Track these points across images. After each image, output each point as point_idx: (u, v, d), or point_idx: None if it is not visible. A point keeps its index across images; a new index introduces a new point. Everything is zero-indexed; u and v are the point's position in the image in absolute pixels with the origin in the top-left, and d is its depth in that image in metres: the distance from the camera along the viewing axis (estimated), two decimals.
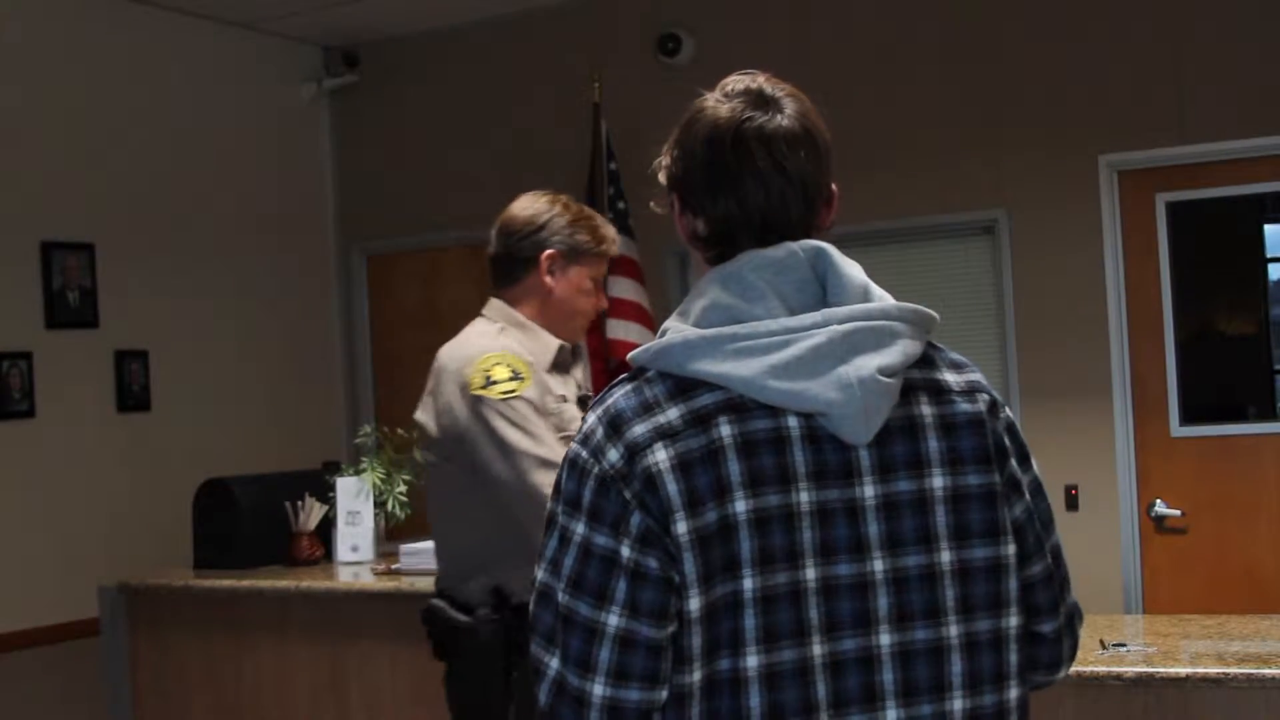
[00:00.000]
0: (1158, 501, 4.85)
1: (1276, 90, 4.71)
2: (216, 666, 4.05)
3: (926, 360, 1.52)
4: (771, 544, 1.41)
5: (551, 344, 2.95)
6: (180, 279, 5.79)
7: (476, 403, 2.77)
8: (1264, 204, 4.96)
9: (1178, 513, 4.83)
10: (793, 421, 1.43)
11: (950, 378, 1.53)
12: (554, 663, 1.45)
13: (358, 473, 4.29)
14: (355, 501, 4.26)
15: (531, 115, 6.06)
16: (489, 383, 2.77)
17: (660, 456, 1.42)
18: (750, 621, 1.39)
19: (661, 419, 1.44)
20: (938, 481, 1.47)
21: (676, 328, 1.50)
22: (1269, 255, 4.99)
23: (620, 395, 1.49)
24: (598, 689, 1.42)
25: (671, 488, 1.41)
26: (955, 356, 1.58)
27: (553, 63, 6.00)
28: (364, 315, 6.58)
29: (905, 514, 1.45)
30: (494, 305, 3.02)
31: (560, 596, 1.45)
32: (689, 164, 1.55)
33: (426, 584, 3.74)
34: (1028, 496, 1.56)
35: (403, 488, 4.24)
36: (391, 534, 4.64)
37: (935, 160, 5.22)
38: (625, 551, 1.42)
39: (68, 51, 5.44)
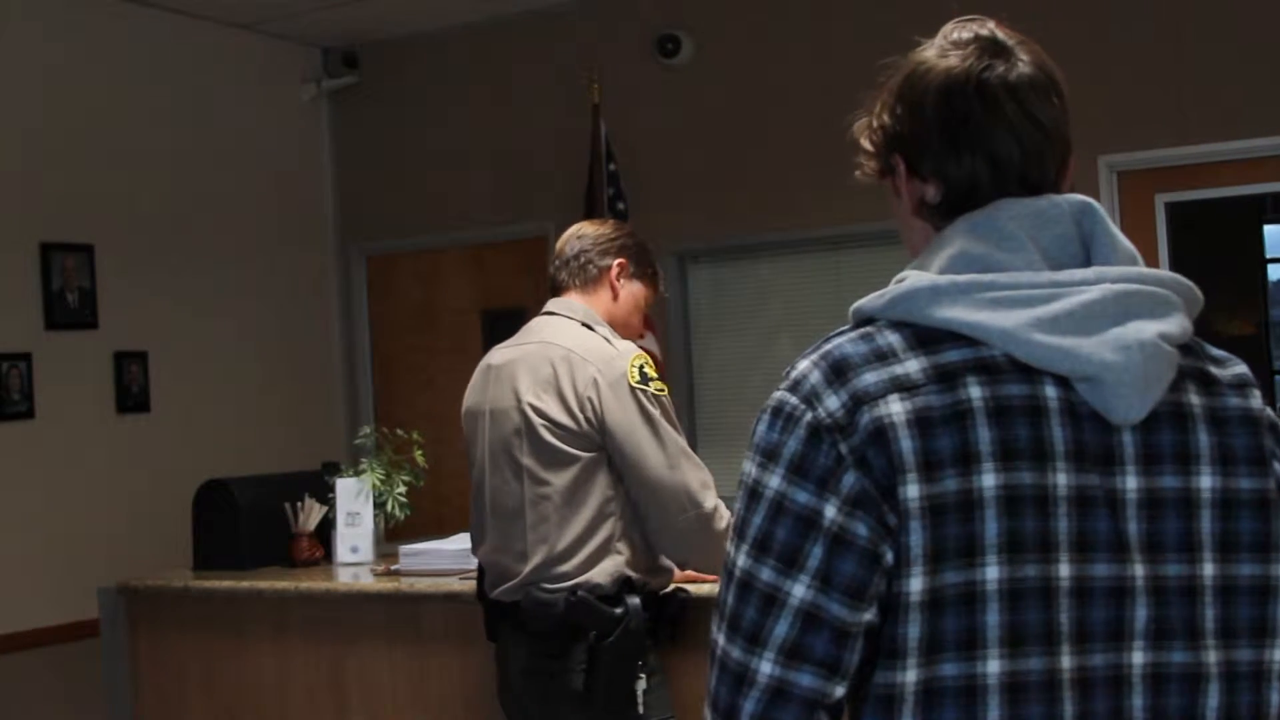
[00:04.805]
0: None
1: (1276, 90, 4.71)
2: (216, 667, 4.05)
3: (1189, 348, 1.31)
4: (1022, 529, 1.19)
5: None
6: (180, 279, 5.79)
7: (636, 395, 2.96)
8: (1264, 204, 4.96)
9: None
10: (1050, 390, 1.22)
11: (1216, 370, 1.33)
12: (721, 639, 1.25)
13: (357, 473, 4.29)
14: (355, 502, 4.25)
15: (531, 116, 6.06)
16: (646, 379, 2.98)
17: (895, 409, 1.20)
18: (994, 619, 1.18)
19: (899, 369, 1.22)
20: (1205, 481, 1.25)
21: (917, 276, 1.28)
22: (1269, 255, 4.99)
23: (844, 340, 1.27)
24: (765, 666, 1.21)
25: (906, 444, 1.19)
26: (1217, 350, 1.38)
27: (552, 63, 6.00)
28: (364, 315, 6.58)
29: (1169, 514, 1.24)
30: (574, 305, 3.14)
31: (740, 560, 1.24)
32: (918, 122, 1.36)
33: (426, 585, 3.74)
34: None
35: (402, 489, 4.24)
36: (391, 535, 4.63)
37: None
38: (830, 512, 1.20)
39: (68, 52, 5.44)
